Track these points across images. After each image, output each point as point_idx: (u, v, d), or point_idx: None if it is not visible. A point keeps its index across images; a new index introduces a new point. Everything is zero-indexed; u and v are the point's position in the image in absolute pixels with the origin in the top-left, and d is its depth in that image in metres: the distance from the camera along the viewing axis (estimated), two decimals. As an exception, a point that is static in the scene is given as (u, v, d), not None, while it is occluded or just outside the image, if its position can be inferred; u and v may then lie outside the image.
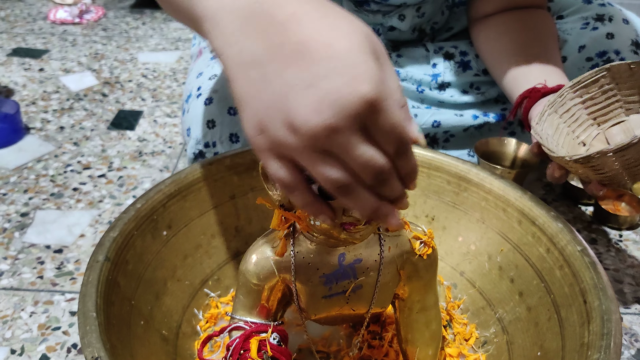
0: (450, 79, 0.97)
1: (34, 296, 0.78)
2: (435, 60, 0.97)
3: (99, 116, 1.24)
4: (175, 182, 0.69)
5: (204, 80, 0.90)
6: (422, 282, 0.55)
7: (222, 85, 0.88)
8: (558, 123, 0.75)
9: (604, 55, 0.92)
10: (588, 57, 0.92)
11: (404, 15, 0.94)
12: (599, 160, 0.62)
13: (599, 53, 0.92)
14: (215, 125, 0.85)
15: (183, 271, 0.69)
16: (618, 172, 0.64)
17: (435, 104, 0.96)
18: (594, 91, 0.74)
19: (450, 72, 0.97)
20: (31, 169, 1.05)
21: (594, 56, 0.92)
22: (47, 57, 1.53)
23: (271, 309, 0.54)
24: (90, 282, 0.55)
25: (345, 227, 0.45)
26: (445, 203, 0.75)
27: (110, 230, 0.62)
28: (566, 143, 0.75)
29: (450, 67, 0.97)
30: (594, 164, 0.63)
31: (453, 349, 0.66)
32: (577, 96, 0.75)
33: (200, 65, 0.96)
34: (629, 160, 0.62)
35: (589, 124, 0.76)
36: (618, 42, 0.91)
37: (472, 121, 0.96)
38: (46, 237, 0.89)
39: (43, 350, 0.70)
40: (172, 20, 1.85)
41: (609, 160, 0.62)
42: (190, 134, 0.87)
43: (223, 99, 0.86)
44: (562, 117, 0.75)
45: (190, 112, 0.88)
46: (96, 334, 0.50)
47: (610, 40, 0.91)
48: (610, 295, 0.55)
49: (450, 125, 0.95)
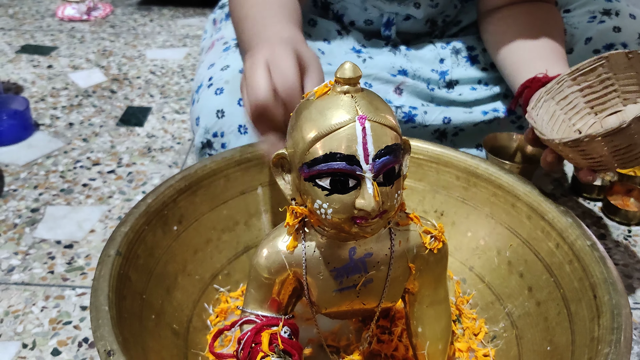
0: (458, 75, 0.97)
1: (44, 291, 0.78)
2: (442, 55, 0.97)
3: (108, 112, 1.25)
4: (185, 177, 0.70)
5: (216, 71, 0.91)
6: (433, 276, 0.55)
7: (234, 76, 0.88)
8: (554, 109, 0.75)
9: (611, 48, 0.92)
10: (595, 49, 0.92)
11: (419, 4, 0.94)
12: (588, 144, 0.62)
13: (606, 45, 0.92)
14: (224, 115, 0.85)
15: (193, 266, 0.69)
16: (607, 158, 0.64)
17: (444, 103, 0.96)
18: (592, 80, 0.74)
19: (458, 67, 0.97)
20: (41, 165, 1.05)
21: (601, 48, 0.92)
22: (55, 54, 1.54)
23: (282, 302, 0.54)
24: (102, 276, 0.56)
25: (356, 221, 0.46)
26: (455, 198, 0.75)
27: (122, 225, 0.62)
28: (561, 130, 0.75)
29: (457, 62, 0.97)
30: (584, 148, 0.63)
31: (462, 343, 0.67)
32: (575, 84, 0.75)
33: (212, 56, 0.96)
34: (617, 146, 0.62)
35: (586, 112, 0.76)
36: (625, 35, 0.91)
37: (482, 117, 0.96)
38: (56, 232, 0.89)
39: (54, 344, 0.71)
40: (179, 17, 1.86)
41: (598, 145, 0.62)
42: (199, 123, 0.87)
43: (234, 90, 0.86)
44: (559, 104, 0.75)
45: (200, 102, 0.88)
46: (108, 327, 0.50)
47: (617, 34, 0.91)
48: (620, 289, 0.55)
49: (460, 121, 0.95)
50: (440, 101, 0.96)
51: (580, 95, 0.75)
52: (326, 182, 0.45)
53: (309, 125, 0.45)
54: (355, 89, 0.46)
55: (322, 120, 0.45)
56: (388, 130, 0.45)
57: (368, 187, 0.44)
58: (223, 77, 0.88)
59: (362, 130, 0.44)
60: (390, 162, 0.45)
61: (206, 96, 0.88)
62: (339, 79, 0.46)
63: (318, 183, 0.45)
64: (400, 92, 0.94)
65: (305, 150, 0.45)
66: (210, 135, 0.86)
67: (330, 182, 0.45)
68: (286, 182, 0.49)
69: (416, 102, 0.94)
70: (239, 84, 0.86)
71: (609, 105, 0.75)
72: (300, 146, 0.46)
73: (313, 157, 0.45)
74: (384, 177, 0.45)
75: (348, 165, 0.44)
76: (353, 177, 0.44)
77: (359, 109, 0.45)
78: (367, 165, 0.44)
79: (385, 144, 0.44)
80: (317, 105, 0.46)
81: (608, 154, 0.63)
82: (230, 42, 0.96)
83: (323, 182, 0.45)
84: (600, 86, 0.74)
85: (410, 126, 0.94)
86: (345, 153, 0.44)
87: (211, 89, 0.88)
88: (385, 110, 0.46)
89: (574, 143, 0.63)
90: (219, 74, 0.90)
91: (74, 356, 0.69)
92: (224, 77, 0.88)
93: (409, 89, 0.94)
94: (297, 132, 0.46)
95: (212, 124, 0.86)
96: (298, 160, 0.46)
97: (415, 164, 0.76)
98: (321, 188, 0.45)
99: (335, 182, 0.45)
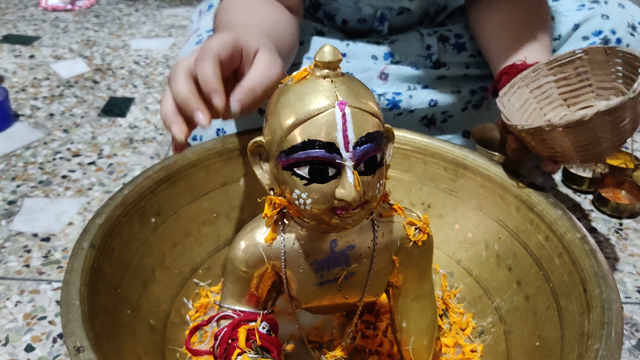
0: (445, 60, 0.95)
1: (19, 285, 0.76)
2: (429, 42, 0.95)
3: (90, 103, 1.22)
4: (164, 168, 0.67)
5: None
6: (417, 270, 0.53)
7: None
8: (527, 97, 0.74)
9: (600, 34, 0.91)
10: (584, 36, 0.91)
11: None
12: (549, 134, 0.61)
13: (595, 32, 0.91)
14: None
15: (172, 259, 0.67)
16: (569, 152, 0.63)
17: (431, 81, 0.94)
18: (569, 72, 0.73)
19: (445, 54, 0.95)
20: (19, 157, 1.03)
21: (590, 35, 0.91)
22: (37, 44, 1.51)
23: (261, 297, 0.52)
24: (74, 269, 0.54)
25: (336, 212, 0.44)
26: (442, 190, 0.73)
27: (96, 216, 0.60)
28: (531, 118, 0.74)
29: (444, 49, 0.95)
30: (545, 137, 0.62)
31: (449, 338, 0.65)
32: (552, 74, 0.74)
33: (185, 49, 0.94)
34: (580, 140, 0.61)
35: (559, 103, 0.75)
36: (613, 22, 0.91)
37: (470, 97, 0.94)
38: (33, 225, 0.87)
39: (28, 340, 0.68)
40: (165, 7, 1.83)
41: (559, 136, 0.60)
42: None
43: None
44: (533, 92, 0.74)
45: None
46: (79, 323, 0.48)
47: (605, 21, 0.91)
48: (610, 283, 0.54)
49: (447, 103, 0.93)
50: (428, 80, 0.94)
51: (555, 86, 0.74)
52: (305, 171, 0.43)
53: (287, 112, 0.43)
54: (335, 74, 0.44)
55: (300, 106, 0.43)
56: (369, 117, 0.43)
57: (348, 176, 0.42)
58: None
59: (342, 117, 0.42)
60: (371, 150, 0.43)
61: None
62: (318, 62, 0.43)
63: (296, 172, 0.43)
64: (386, 77, 0.92)
65: (283, 138, 0.43)
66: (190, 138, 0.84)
67: (309, 171, 0.42)
68: (264, 171, 0.47)
69: (401, 87, 0.92)
70: None
71: (582, 100, 0.74)
72: (278, 133, 0.44)
73: (291, 144, 0.43)
74: (365, 165, 0.43)
75: (327, 153, 0.42)
76: (333, 165, 0.42)
77: (339, 94, 0.42)
78: (347, 153, 0.42)
79: (366, 131, 0.42)
80: (295, 90, 0.44)
81: (571, 147, 0.62)
82: (203, 34, 0.93)
83: (301, 171, 0.43)
84: (576, 79, 0.73)
85: (396, 113, 0.91)
86: (325, 140, 0.42)
87: None
88: (367, 95, 0.44)
89: (536, 131, 0.61)
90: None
91: (48, 352, 0.67)
92: None
93: (395, 73, 0.92)
94: (274, 119, 0.44)
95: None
96: (276, 148, 0.44)
97: (401, 155, 0.74)
98: (300, 177, 0.43)
99: (314, 171, 0.42)
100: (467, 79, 0.96)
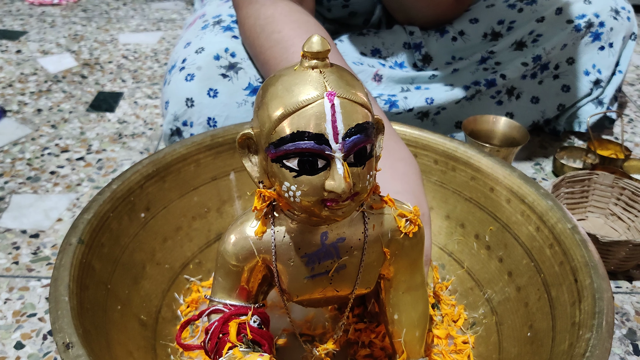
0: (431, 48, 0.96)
1: (8, 282, 0.75)
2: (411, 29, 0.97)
3: (78, 98, 1.21)
4: (153, 162, 0.67)
5: (190, 53, 0.87)
6: (408, 262, 0.53)
7: (207, 63, 0.85)
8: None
9: (583, 17, 0.95)
10: (568, 19, 0.95)
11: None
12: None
13: (579, 16, 0.96)
14: (194, 104, 0.82)
15: (163, 254, 0.67)
16: None
17: (424, 81, 0.95)
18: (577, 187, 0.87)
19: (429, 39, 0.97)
20: (7, 153, 1.02)
21: (574, 19, 0.95)
22: (24, 38, 1.49)
23: (251, 290, 0.52)
24: (62, 265, 0.53)
25: (326, 204, 0.43)
26: (433, 182, 0.73)
27: (85, 212, 0.59)
28: None
29: (427, 33, 0.97)
30: None
31: (441, 330, 0.65)
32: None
33: (190, 34, 0.93)
34: None
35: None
36: (596, 7, 0.96)
37: (464, 93, 0.94)
38: (22, 221, 0.86)
39: (18, 337, 0.68)
40: (153, 1, 1.81)
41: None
42: (168, 108, 0.84)
43: (205, 78, 0.84)
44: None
45: (171, 85, 0.85)
46: (68, 319, 0.48)
47: (588, 5, 0.96)
48: (601, 273, 0.54)
49: (443, 100, 0.94)
50: (420, 81, 0.94)
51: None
52: (294, 162, 0.42)
53: (275, 103, 0.43)
54: (324, 64, 0.43)
55: (288, 97, 0.42)
56: (359, 108, 0.43)
57: (338, 167, 0.42)
58: (196, 62, 0.85)
59: (331, 107, 0.41)
60: (361, 141, 0.42)
61: (177, 80, 0.85)
62: (306, 53, 0.43)
63: (285, 164, 0.42)
64: (380, 78, 0.92)
65: (272, 130, 0.43)
66: (180, 124, 0.84)
67: (298, 162, 0.42)
68: (253, 164, 0.47)
69: (395, 89, 0.92)
70: (211, 72, 0.84)
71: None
72: (267, 125, 0.43)
73: (280, 136, 0.42)
74: (354, 157, 0.43)
75: (316, 144, 0.41)
76: (322, 157, 0.42)
77: (328, 84, 0.42)
78: (336, 144, 0.41)
79: (355, 122, 0.42)
80: (283, 81, 0.43)
81: None
82: (210, 19, 0.93)
83: (291, 163, 0.42)
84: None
85: (395, 112, 0.92)
86: (314, 132, 0.41)
87: (183, 72, 0.85)
88: (356, 86, 0.44)
89: None
90: (193, 57, 0.86)
91: (38, 349, 0.66)
92: (197, 61, 0.85)
93: (388, 75, 0.92)
94: (262, 110, 0.44)
95: (181, 112, 0.83)
96: (264, 140, 0.44)
97: (392, 147, 0.73)
98: (289, 169, 0.42)
99: (303, 163, 0.42)
100: (457, 74, 0.96)
